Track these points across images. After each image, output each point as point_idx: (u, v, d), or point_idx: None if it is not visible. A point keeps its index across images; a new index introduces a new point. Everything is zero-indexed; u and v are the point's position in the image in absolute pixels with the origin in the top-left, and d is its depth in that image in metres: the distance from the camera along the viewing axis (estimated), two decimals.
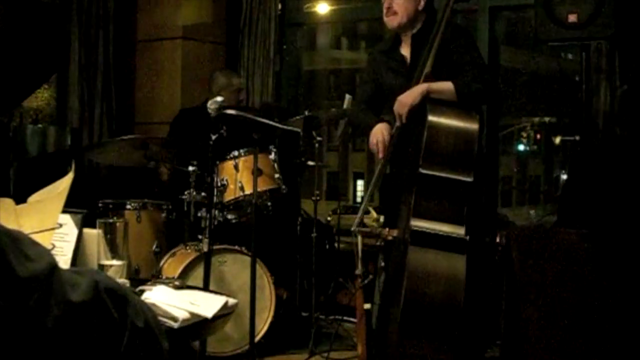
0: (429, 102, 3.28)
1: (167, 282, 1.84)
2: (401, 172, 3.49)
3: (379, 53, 3.74)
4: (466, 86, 3.32)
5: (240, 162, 3.96)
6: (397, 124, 3.41)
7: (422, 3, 3.53)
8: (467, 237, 3.09)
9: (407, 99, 3.33)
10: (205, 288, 3.20)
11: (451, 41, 3.40)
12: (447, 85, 3.32)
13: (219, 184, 3.94)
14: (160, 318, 1.48)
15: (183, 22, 5.47)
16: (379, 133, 3.50)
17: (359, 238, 3.37)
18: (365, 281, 3.36)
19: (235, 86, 4.69)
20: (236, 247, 3.88)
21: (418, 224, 3.12)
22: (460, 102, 3.29)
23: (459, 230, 3.11)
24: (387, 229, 3.33)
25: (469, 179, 3.16)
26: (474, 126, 3.23)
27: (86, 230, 2.12)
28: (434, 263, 3.09)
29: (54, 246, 1.98)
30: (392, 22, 3.54)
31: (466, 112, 3.27)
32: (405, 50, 3.61)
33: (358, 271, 3.36)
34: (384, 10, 3.56)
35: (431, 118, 3.21)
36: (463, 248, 3.09)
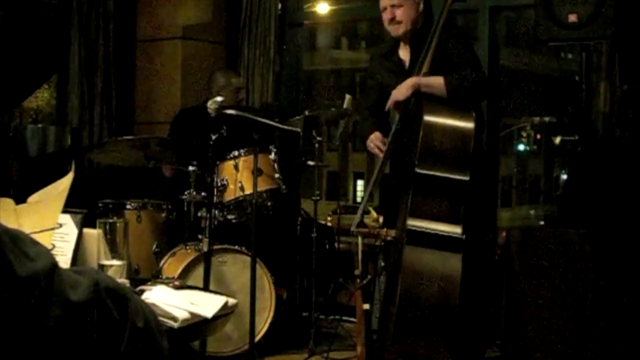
0: (425, 101, 3.29)
1: (167, 282, 1.84)
2: (400, 172, 3.50)
3: (378, 57, 3.76)
4: (456, 82, 3.31)
5: (240, 162, 3.95)
6: (390, 107, 3.44)
7: (421, 5, 3.54)
8: (464, 237, 3.09)
9: (397, 92, 3.38)
10: (205, 288, 3.20)
11: (449, 42, 3.41)
12: (437, 80, 3.32)
13: (219, 184, 3.94)
14: (160, 318, 1.48)
15: (183, 22, 5.47)
16: (373, 139, 3.57)
17: (359, 238, 3.36)
18: (365, 281, 3.36)
19: (234, 86, 4.68)
20: (236, 247, 3.88)
21: (414, 223, 3.12)
22: (449, 98, 3.29)
23: (455, 230, 3.11)
24: (385, 229, 3.33)
25: (465, 178, 3.16)
26: (469, 125, 3.23)
27: (86, 230, 2.12)
28: (429, 262, 3.09)
29: (54, 246, 1.98)
30: (397, 31, 3.55)
31: (462, 111, 3.27)
32: (404, 53, 3.62)
33: (358, 271, 3.36)
34: (386, 20, 3.55)
35: (427, 117, 3.21)
36: (459, 247, 3.08)
